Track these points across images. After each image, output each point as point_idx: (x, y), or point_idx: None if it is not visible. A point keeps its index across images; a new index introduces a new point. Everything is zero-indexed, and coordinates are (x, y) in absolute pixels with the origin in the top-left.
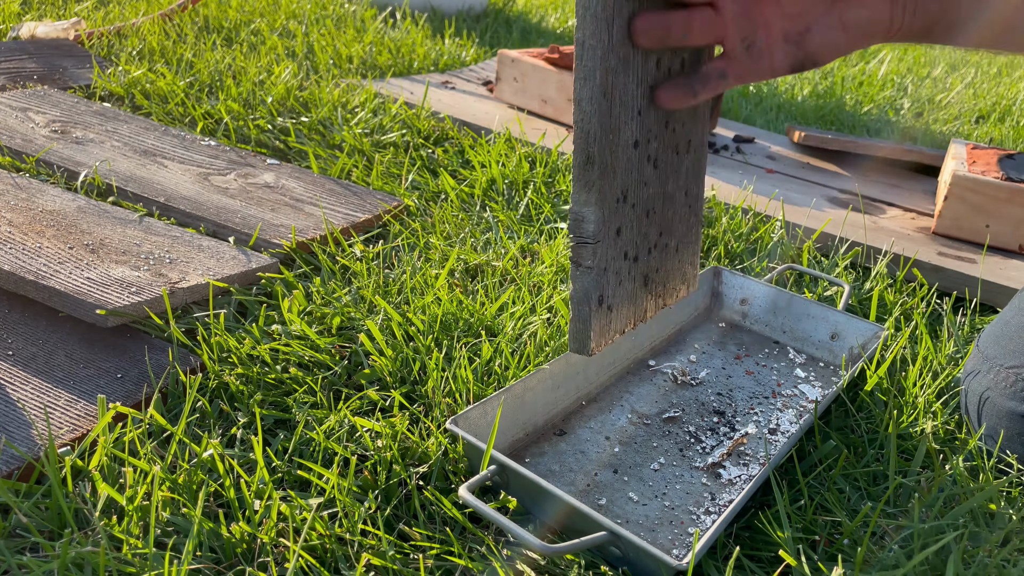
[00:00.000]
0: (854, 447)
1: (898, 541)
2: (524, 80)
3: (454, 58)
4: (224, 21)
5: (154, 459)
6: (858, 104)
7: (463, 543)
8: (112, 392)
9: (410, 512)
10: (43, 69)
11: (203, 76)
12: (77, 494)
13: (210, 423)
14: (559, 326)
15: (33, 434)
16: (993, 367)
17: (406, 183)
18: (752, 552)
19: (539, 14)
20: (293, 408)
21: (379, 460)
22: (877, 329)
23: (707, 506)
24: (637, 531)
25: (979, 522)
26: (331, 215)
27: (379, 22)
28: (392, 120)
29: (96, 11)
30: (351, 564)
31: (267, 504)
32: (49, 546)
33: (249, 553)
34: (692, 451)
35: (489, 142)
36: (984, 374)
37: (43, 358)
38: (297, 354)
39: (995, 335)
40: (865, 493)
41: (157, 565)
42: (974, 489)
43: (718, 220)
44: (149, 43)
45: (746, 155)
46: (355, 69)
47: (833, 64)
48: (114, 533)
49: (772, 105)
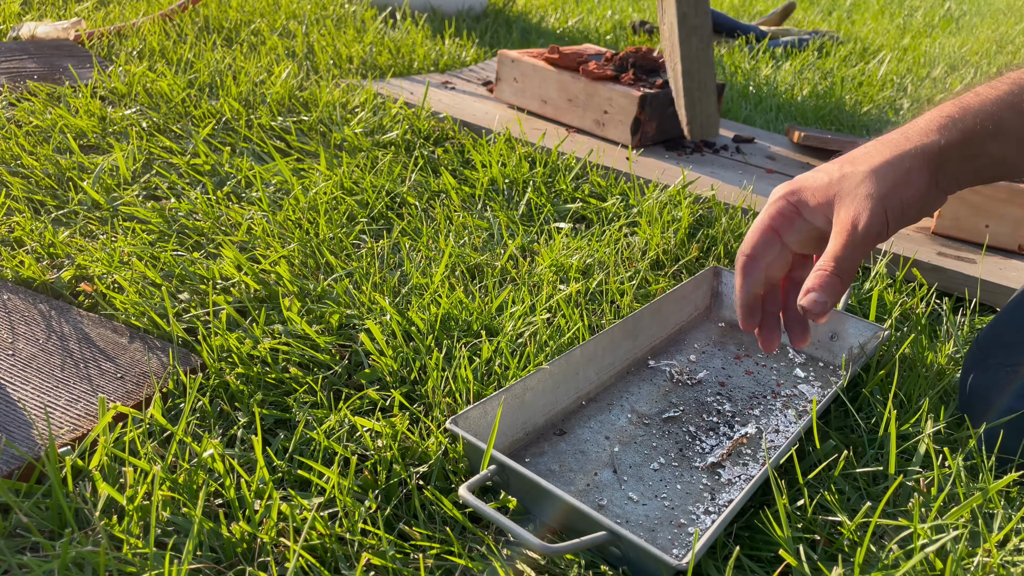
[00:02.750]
0: (854, 447)
1: (898, 541)
2: (524, 80)
3: (454, 58)
4: (224, 21)
5: (154, 459)
6: (858, 104)
7: (463, 543)
8: (112, 392)
9: (410, 512)
10: (43, 69)
11: (203, 76)
12: (77, 494)
13: (210, 423)
14: (559, 326)
15: (33, 434)
16: (992, 365)
17: (408, 182)
18: (752, 552)
19: (539, 14)
20: (293, 408)
21: (379, 460)
22: (877, 329)
23: (707, 506)
24: (637, 531)
25: (979, 522)
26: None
27: (379, 22)
28: (392, 120)
29: (96, 11)
30: (351, 564)
31: (267, 504)
32: (49, 546)
33: (249, 553)
34: (692, 451)
35: (489, 142)
36: (983, 373)
37: (43, 358)
38: (297, 353)
39: (994, 334)
40: (865, 493)
41: (157, 565)
42: (974, 489)
43: (718, 220)
44: (149, 43)
45: (746, 155)
46: (355, 69)
47: (833, 64)
48: (114, 533)
49: (772, 105)
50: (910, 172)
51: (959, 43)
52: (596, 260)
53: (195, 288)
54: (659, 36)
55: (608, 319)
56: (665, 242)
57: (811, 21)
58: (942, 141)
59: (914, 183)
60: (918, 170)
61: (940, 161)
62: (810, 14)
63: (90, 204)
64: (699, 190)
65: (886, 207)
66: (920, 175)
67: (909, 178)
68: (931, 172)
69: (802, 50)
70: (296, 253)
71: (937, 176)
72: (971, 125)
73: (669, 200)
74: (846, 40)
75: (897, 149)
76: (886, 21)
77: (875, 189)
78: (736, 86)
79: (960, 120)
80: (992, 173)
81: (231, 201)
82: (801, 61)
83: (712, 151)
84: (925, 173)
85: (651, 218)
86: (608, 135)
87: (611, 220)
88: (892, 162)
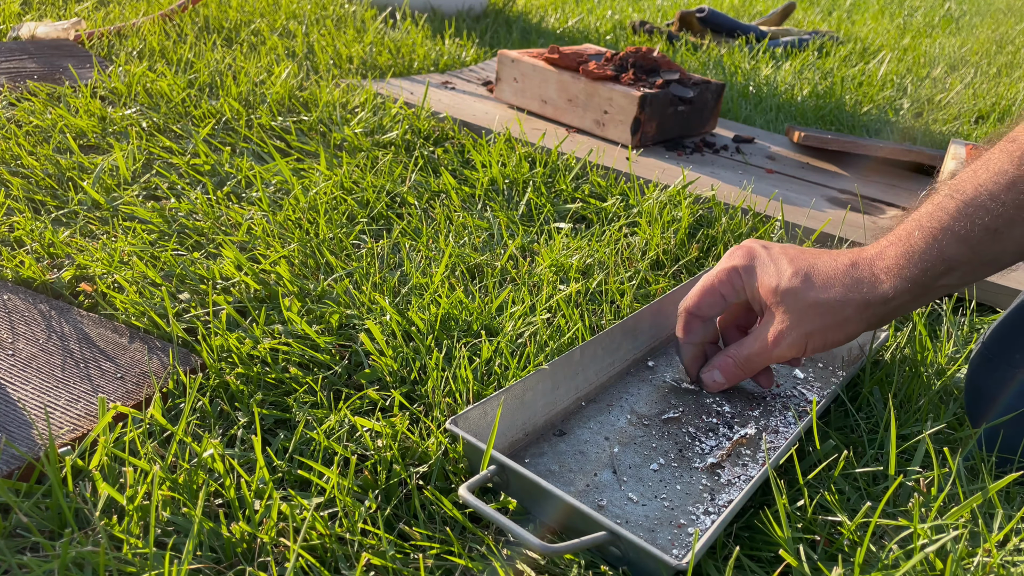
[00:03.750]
0: (854, 447)
1: (898, 541)
2: (524, 80)
3: (454, 58)
4: (224, 21)
5: (154, 459)
6: (858, 104)
7: (463, 543)
8: (112, 392)
9: (410, 512)
10: (43, 69)
11: (203, 76)
12: (77, 494)
13: (210, 423)
14: (559, 326)
15: (33, 434)
16: (999, 366)
17: (409, 182)
18: (752, 552)
19: (539, 14)
20: (293, 408)
21: (379, 460)
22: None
23: (706, 506)
24: (637, 531)
25: (979, 522)
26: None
27: (379, 22)
28: (392, 120)
29: (96, 11)
30: (351, 564)
31: (267, 504)
32: (49, 546)
33: (249, 553)
34: (691, 451)
35: (489, 142)
36: (988, 373)
37: (43, 358)
38: (297, 353)
39: (1000, 334)
40: (865, 493)
41: (157, 565)
42: (974, 489)
43: (718, 220)
44: (150, 43)
45: (746, 155)
46: (355, 69)
47: (833, 64)
48: (114, 533)
49: (772, 105)
50: (847, 321)
51: (959, 43)
52: (596, 260)
53: (195, 288)
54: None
55: (608, 319)
56: (665, 242)
57: (811, 21)
58: (891, 293)
59: (846, 329)
60: (855, 320)
61: (884, 311)
62: (810, 14)
63: (90, 204)
64: (699, 190)
65: (808, 341)
66: (856, 324)
67: (844, 325)
68: (868, 320)
69: (802, 50)
70: (296, 253)
71: (873, 321)
72: (918, 274)
73: (669, 200)
74: (846, 40)
75: (847, 291)
76: (886, 21)
77: (807, 324)
78: (736, 86)
79: (907, 268)
80: (938, 296)
81: (231, 201)
82: (801, 61)
83: (712, 151)
84: (862, 323)
85: (651, 218)
86: (608, 135)
87: (611, 220)
88: (834, 304)
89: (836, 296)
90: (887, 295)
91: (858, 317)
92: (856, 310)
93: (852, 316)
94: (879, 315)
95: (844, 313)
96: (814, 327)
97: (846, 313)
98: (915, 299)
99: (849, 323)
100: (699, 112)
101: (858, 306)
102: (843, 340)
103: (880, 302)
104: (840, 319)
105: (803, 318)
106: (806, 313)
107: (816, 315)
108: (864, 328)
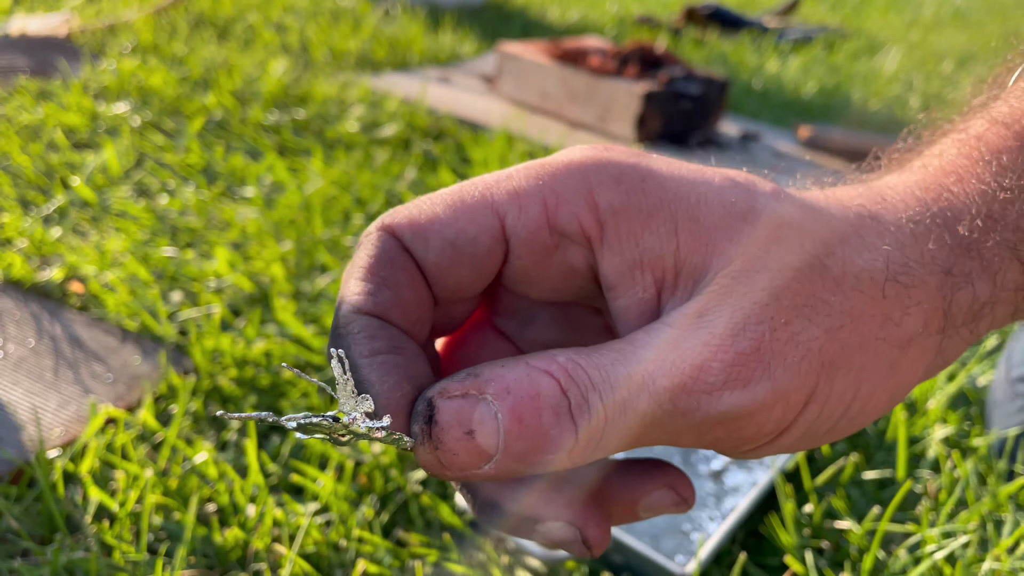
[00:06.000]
0: (862, 451)
1: (906, 547)
2: (524, 75)
3: (452, 53)
4: (218, 16)
5: (146, 463)
6: (866, 100)
7: (462, 550)
8: (103, 395)
9: (407, 518)
10: (34, 65)
11: (196, 72)
12: (68, 498)
13: (203, 426)
14: None
15: (23, 437)
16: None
17: (407, 181)
18: (758, 559)
19: (539, 9)
20: (287, 411)
21: (376, 465)
22: None
23: (711, 512)
24: (640, 538)
25: (988, 527)
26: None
27: (376, 17)
28: (389, 116)
29: (88, 6)
30: (347, 570)
31: (261, 509)
32: (40, 551)
33: (243, 559)
34: (696, 456)
35: (488, 138)
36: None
37: (33, 360)
38: (291, 356)
39: None
40: (873, 498)
41: (149, 571)
42: (983, 494)
43: None
44: (142, 39)
45: (752, 152)
46: (351, 64)
47: (840, 59)
48: (105, 539)
49: (778, 101)
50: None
51: (967, 38)
52: None
53: (187, 288)
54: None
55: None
56: None
57: (818, 16)
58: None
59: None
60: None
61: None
62: (818, 10)
63: (81, 202)
64: None
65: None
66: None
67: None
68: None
69: (808, 45)
70: (291, 252)
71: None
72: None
73: None
74: (853, 35)
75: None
76: (894, 16)
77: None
78: (741, 82)
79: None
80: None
81: (224, 198)
82: (809, 57)
83: (717, 148)
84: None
85: None
86: (610, 130)
87: None
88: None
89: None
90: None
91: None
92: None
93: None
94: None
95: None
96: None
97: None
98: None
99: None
100: (703, 108)
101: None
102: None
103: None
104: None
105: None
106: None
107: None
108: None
